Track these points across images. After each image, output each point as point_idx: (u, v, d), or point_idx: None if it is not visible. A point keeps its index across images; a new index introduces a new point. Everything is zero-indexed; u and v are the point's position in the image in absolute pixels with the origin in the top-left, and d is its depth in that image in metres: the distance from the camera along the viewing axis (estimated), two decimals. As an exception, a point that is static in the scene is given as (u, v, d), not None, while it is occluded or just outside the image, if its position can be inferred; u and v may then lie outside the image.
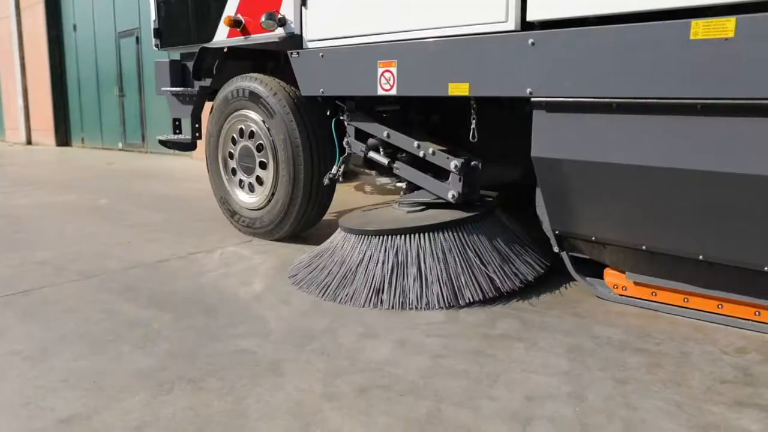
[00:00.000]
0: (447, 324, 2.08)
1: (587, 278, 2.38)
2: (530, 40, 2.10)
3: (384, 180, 3.50)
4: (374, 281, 2.31)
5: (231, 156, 3.45)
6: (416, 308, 2.23)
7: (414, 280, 2.28)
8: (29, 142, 13.24)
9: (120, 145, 10.59)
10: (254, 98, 3.16)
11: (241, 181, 3.42)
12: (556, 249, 2.38)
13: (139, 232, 3.62)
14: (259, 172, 3.27)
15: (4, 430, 1.43)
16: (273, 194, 3.17)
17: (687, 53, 1.78)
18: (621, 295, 2.31)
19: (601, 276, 2.37)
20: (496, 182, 2.63)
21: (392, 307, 2.23)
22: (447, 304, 2.23)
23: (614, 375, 1.68)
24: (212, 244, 3.27)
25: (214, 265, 2.87)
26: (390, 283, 2.29)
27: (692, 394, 1.57)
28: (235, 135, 3.39)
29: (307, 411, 1.52)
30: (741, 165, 1.76)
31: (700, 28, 1.75)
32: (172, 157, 8.23)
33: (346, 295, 2.32)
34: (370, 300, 2.27)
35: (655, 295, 2.23)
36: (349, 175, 3.94)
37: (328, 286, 2.38)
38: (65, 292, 2.47)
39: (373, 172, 3.23)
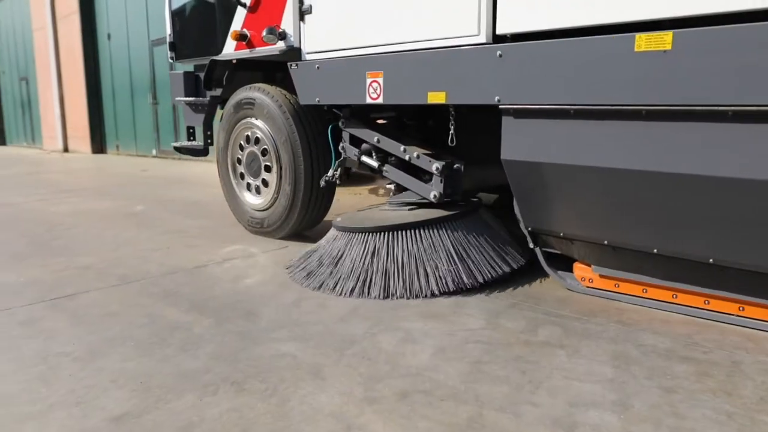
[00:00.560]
0: (487, 330, 2.08)
1: (558, 272, 2.56)
2: (498, 52, 2.28)
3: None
4: (359, 273, 2.51)
5: (239, 161, 3.69)
6: (397, 297, 2.42)
7: (390, 273, 2.48)
8: (66, 149, 13.61)
9: (154, 152, 10.82)
10: (259, 107, 3.40)
11: (248, 184, 3.66)
12: (531, 245, 2.57)
13: (176, 237, 3.69)
14: (264, 175, 3.51)
15: (60, 428, 1.48)
16: (277, 196, 3.40)
17: (632, 64, 1.94)
18: (588, 287, 2.47)
19: (571, 269, 2.53)
20: (487, 184, 2.67)
21: (376, 297, 2.43)
22: (426, 294, 2.42)
23: (661, 383, 1.66)
24: (249, 250, 3.32)
25: (251, 270, 2.91)
26: (369, 276, 2.49)
27: (744, 404, 1.54)
28: (242, 141, 3.63)
29: (349, 414, 1.53)
30: (679, 165, 1.92)
31: (642, 41, 1.91)
32: (205, 165, 8.37)
33: (335, 284, 2.52)
34: (358, 289, 2.46)
35: (618, 286, 2.40)
36: (364, 179, 4.04)
37: (320, 278, 2.59)
38: (109, 296, 2.53)
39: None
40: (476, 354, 1.88)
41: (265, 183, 3.52)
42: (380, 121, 3.42)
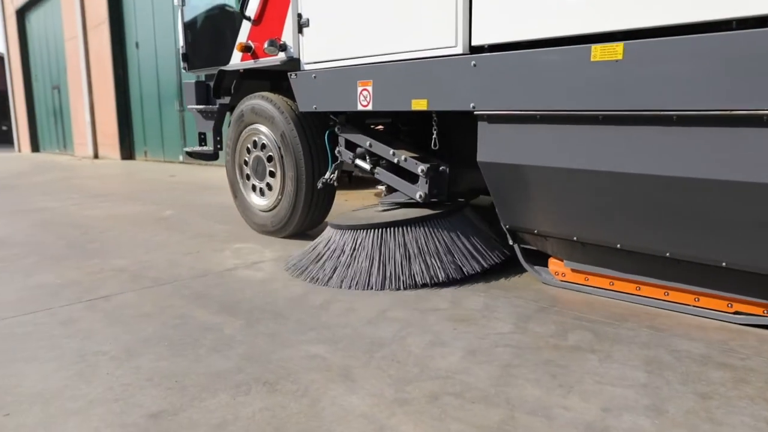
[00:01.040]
0: (517, 334, 2.07)
1: (535, 267, 2.72)
2: (473, 62, 2.44)
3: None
4: (351, 267, 2.71)
5: (246, 164, 3.93)
6: (376, 288, 2.63)
7: (371, 267, 2.68)
8: (96, 155, 13.93)
9: (181, 158, 11.01)
10: (264, 114, 3.60)
11: (254, 186, 3.89)
12: (510, 242, 2.75)
13: (205, 241, 3.76)
14: (268, 178, 3.73)
15: (100, 423, 1.52)
16: (281, 198, 3.61)
17: (589, 73, 2.09)
18: (562, 281, 2.63)
19: (546, 264, 2.69)
20: (483, 186, 2.85)
21: (355, 287, 2.64)
22: (405, 286, 2.63)
23: (696, 389, 1.64)
24: (276, 254, 3.36)
25: (279, 274, 2.95)
26: (359, 269, 2.69)
27: (781, 411, 1.51)
28: (249, 146, 3.86)
29: (381, 416, 1.54)
30: (631, 166, 2.08)
31: (598, 52, 2.06)
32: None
33: (325, 276, 2.73)
34: (349, 280, 2.67)
35: (588, 280, 2.55)
36: (370, 183, 4.17)
37: (317, 272, 2.79)
38: (142, 298, 2.58)
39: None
40: (506, 357, 1.88)
41: (269, 186, 3.73)
42: (380, 127, 3.63)
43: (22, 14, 18.63)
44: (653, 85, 1.95)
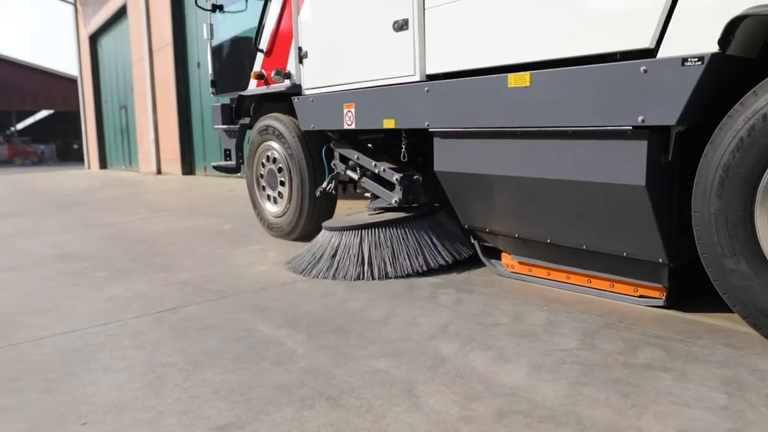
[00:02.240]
0: (583, 351, 2.00)
1: (492, 260, 3.11)
2: (426, 88, 2.93)
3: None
4: (339, 262, 3.15)
5: (261, 176, 4.50)
6: (358, 279, 3.05)
7: (358, 261, 3.11)
8: (159, 171, 14.51)
9: (239, 174, 11.30)
10: (275, 132, 4.16)
11: (268, 195, 4.43)
12: (472, 240, 3.18)
13: (264, 255, 3.84)
14: (279, 188, 4.26)
15: (171, 436, 1.56)
16: (289, 205, 4.14)
17: (507, 96, 2.53)
18: (512, 272, 2.99)
19: (500, 258, 3.07)
20: None
21: (353, 278, 3.06)
22: (392, 275, 3.05)
23: (784, 413, 1.53)
24: (333, 266, 3.38)
25: (338, 287, 2.97)
26: (352, 262, 3.12)
27: None
28: (263, 160, 4.43)
29: (446, 434, 1.51)
30: (541, 172, 2.50)
31: (512, 79, 2.50)
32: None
33: (322, 272, 3.15)
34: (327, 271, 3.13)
35: (531, 271, 2.90)
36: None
37: (312, 268, 3.21)
38: (206, 311, 2.65)
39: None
40: (573, 375, 1.82)
41: (280, 194, 4.26)
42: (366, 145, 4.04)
43: (94, 40, 19.76)
44: (552, 106, 2.37)
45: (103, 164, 20.52)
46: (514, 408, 1.63)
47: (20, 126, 46.43)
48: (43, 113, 45.00)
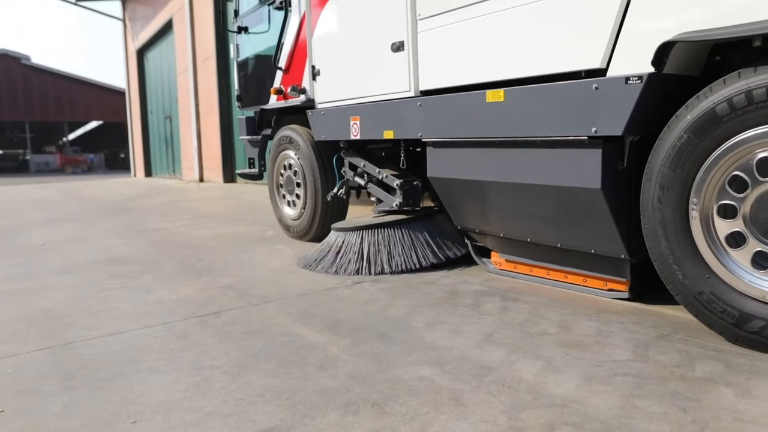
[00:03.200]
0: (637, 362, 1.93)
1: (483, 259, 3.37)
2: (418, 103, 3.26)
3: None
4: (348, 258, 3.45)
5: (281, 182, 4.90)
6: (368, 273, 3.35)
7: (357, 258, 3.42)
8: (201, 179, 14.84)
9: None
10: (292, 142, 4.56)
11: (287, 199, 4.83)
12: (465, 240, 3.45)
13: (306, 260, 3.84)
14: (296, 193, 4.65)
15: (218, 437, 1.56)
16: (304, 209, 4.53)
17: (486, 110, 2.82)
18: (500, 269, 3.25)
19: (490, 256, 3.34)
20: None
21: (353, 273, 3.36)
22: (388, 272, 3.36)
23: None
24: (375, 275, 3.37)
25: (381, 294, 2.95)
26: (354, 259, 3.42)
27: None
28: (282, 168, 4.84)
29: (494, 444, 1.47)
30: (516, 177, 2.77)
31: (489, 95, 2.79)
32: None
33: (326, 267, 3.48)
34: (333, 267, 3.45)
35: (516, 267, 3.15)
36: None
37: (318, 263, 3.55)
38: (250, 315, 2.67)
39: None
40: (627, 387, 1.75)
41: (297, 198, 4.65)
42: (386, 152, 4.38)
43: (141, 53, 20.43)
44: (523, 119, 2.64)
45: (149, 172, 21.13)
46: (565, 419, 1.57)
47: (71, 136, 48.30)
48: (92, 124, 46.75)
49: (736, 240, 2.05)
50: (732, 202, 2.04)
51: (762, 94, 1.87)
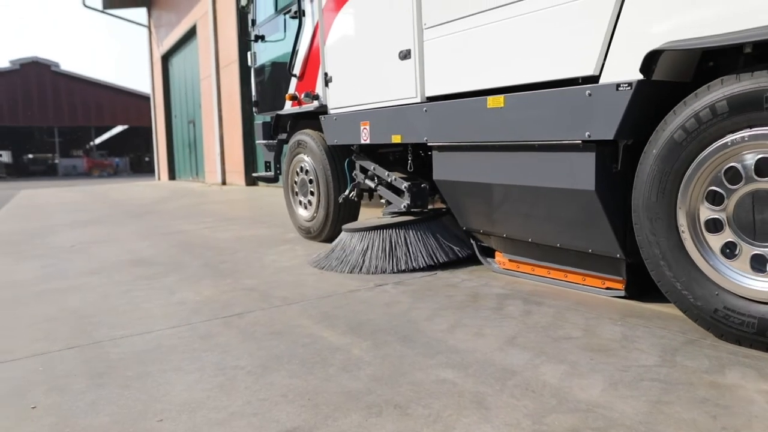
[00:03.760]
0: (664, 368, 1.89)
1: (487, 258, 3.47)
2: (424, 108, 3.38)
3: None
4: (354, 258, 3.59)
5: (295, 185, 5.08)
6: (362, 271, 3.50)
7: (360, 257, 3.58)
8: (224, 182, 15.00)
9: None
10: (306, 146, 4.73)
11: (301, 201, 4.99)
12: (471, 241, 3.55)
13: (328, 262, 3.86)
14: (310, 196, 4.80)
15: (243, 437, 1.57)
16: (317, 210, 4.68)
17: (486, 115, 2.93)
18: (503, 268, 3.34)
19: (494, 256, 3.43)
20: None
21: (359, 271, 3.51)
22: (395, 271, 3.46)
23: None
24: (398, 276, 3.37)
25: (402, 296, 2.95)
26: (362, 258, 3.56)
27: None
28: (297, 171, 5.01)
29: (518, 448, 1.46)
30: (515, 179, 2.88)
31: (490, 101, 2.89)
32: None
33: (336, 265, 3.63)
34: (358, 267, 3.54)
35: (519, 267, 3.23)
36: None
37: (325, 260, 3.73)
38: (273, 316, 2.69)
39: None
40: (654, 393, 1.72)
41: (310, 201, 4.79)
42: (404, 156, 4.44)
43: (166, 59, 20.77)
44: (522, 123, 2.74)
45: (172, 176, 21.43)
46: (591, 424, 1.55)
47: (98, 140, 49.27)
48: (118, 128, 47.60)
49: (731, 250, 2.08)
50: (716, 216, 2.10)
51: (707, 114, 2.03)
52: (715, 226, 2.11)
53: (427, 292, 2.99)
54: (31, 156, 49.20)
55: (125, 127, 45.90)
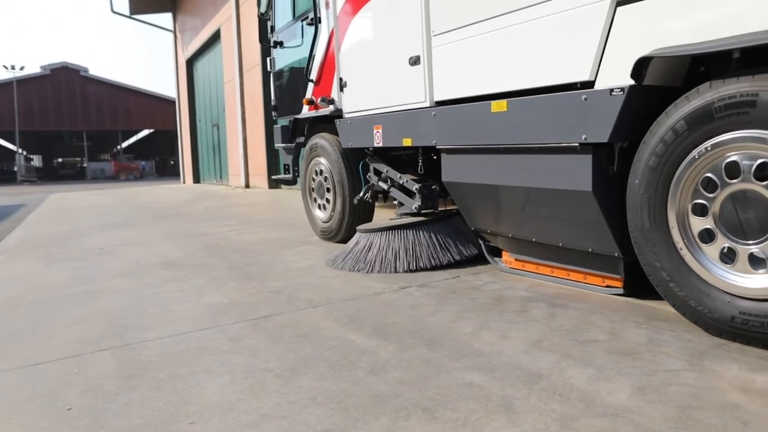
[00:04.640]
0: (692, 372, 1.88)
1: (495, 258, 3.56)
2: (433, 112, 3.50)
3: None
4: (368, 257, 3.73)
5: (312, 187, 5.24)
6: (376, 271, 3.63)
7: (366, 256, 3.73)
8: (247, 185, 15.16)
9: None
10: (322, 149, 4.87)
11: (318, 203, 5.13)
12: (479, 241, 3.65)
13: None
14: (326, 197, 4.93)
15: (274, 439, 1.60)
16: (333, 212, 4.82)
17: (491, 119, 3.04)
18: (510, 268, 3.43)
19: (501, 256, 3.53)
20: None
21: (372, 270, 3.65)
22: (406, 270, 3.59)
23: None
24: (422, 278, 3.39)
25: (426, 299, 2.96)
26: (376, 258, 3.69)
27: None
28: (314, 173, 5.15)
29: (546, 452, 1.46)
30: (519, 180, 2.98)
31: (494, 106, 3.01)
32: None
33: (350, 265, 3.76)
34: (375, 267, 3.67)
35: (524, 266, 3.33)
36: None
37: (341, 260, 3.87)
38: (299, 319, 2.73)
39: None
40: (682, 398, 1.71)
41: (327, 202, 4.93)
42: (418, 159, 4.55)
43: (190, 63, 21.06)
44: (524, 127, 2.85)
45: (197, 179, 21.72)
46: (619, 429, 1.55)
47: (124, 144, 50.17)
48: (144, 132, 48.43)
49: (729, 255, 2.14)
50: (707, 225, 2.19)
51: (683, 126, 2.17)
52: (708, 235, 2.19)
53: (450, 295, 3.00)
54: (60, 160, 50.34)
55: (151, 130, 46.69)
